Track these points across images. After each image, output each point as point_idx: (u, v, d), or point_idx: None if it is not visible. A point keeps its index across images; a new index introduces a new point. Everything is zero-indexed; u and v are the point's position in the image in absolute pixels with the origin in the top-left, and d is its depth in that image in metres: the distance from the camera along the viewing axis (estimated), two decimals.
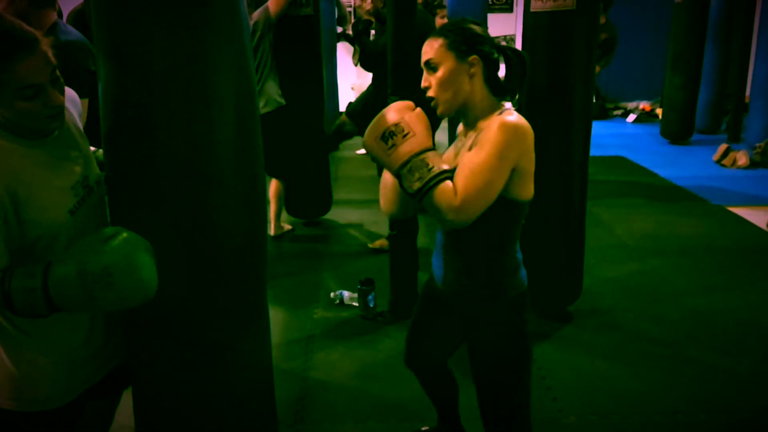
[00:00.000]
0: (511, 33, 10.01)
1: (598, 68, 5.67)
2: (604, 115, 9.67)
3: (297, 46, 4.25)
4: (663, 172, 6.36)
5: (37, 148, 1.29)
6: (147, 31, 1.27)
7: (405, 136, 1.46)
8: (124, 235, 1.20)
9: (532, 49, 2.97)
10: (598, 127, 8.33)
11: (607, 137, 8.11)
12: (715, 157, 6.78)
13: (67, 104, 1.42)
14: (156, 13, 1.26)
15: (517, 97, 1.70)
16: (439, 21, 5.18)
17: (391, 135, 1.46)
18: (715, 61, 7.94)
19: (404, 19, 2.94)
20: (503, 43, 1.73)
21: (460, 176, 1.46)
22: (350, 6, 9.82)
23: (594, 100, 8.80)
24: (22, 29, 1.21)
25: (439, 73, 1.59)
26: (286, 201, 4.60)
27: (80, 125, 1.49)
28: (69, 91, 1.47)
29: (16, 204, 1.23)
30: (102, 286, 1.15)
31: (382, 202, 1.77)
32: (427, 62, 1.61)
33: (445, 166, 1.46)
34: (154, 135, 1.31)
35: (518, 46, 9.72)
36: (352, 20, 9.80)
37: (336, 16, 7.34)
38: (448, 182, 1.45)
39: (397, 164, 1.46)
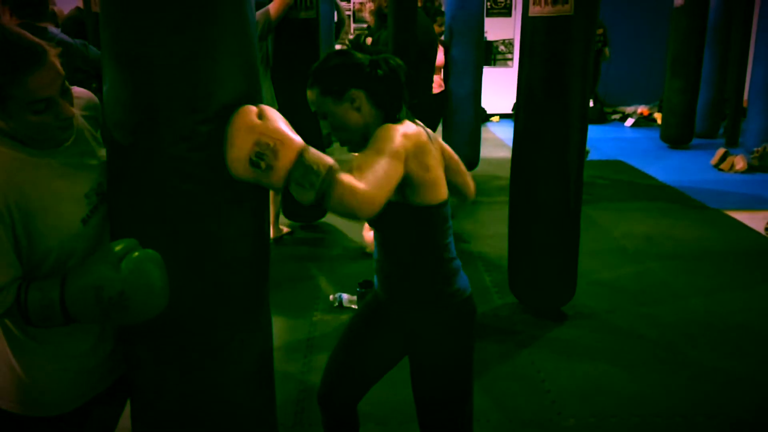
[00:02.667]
0: (510, 37, 10.05)
1: None
2: (603, 119, 9.70)
3: (297, 49, 4.25)
4: (661, 175, 6.38)
5: (49, 158, 1.27)
6: (152, 31, 1.26)
7: (274, 149, 1.21)
8: (137, 253, 1.20)
9: (531, 54, 2.99)
10: (596, 132, 8.38)
11: (606, 141, 8.13)
12: (713, 161, 6.80)
13: (83, 108, 1.40)
14: (161, 13, 1.25)
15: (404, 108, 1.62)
16: (437, 29, 5.14)
17: (259, 157, 1.21)
18: (713, 65, 7.98)
19: (405, 18, 2.95)
20: (501, 48, 1.71)
21: (359, 163, 1.42)
22: (349, 10, 9.85)
23: (592, 105, 8.85)
24: (29, 41, 1.19)
25: (329, 119, 1.60)
26: (283, 204, 4.60)
27: (95, 129, 1.45)
28: (87, 93, 1.43)
29: (27, 217, 1.22)
30: (118, 308, 1.18)
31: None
32: (315, 112, 1.62)
33: (330, 160, 1.29)
34: (157, 136, 1.31)
35: (516, 50, 9.77)
36: (352, 24, 9.83)
37: (335, 20, 7.35)
38: (343, 175, 1.31)
39: (281, 183, 1.23)
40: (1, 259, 1.20)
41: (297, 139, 1.25)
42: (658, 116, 9.25)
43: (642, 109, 10.00)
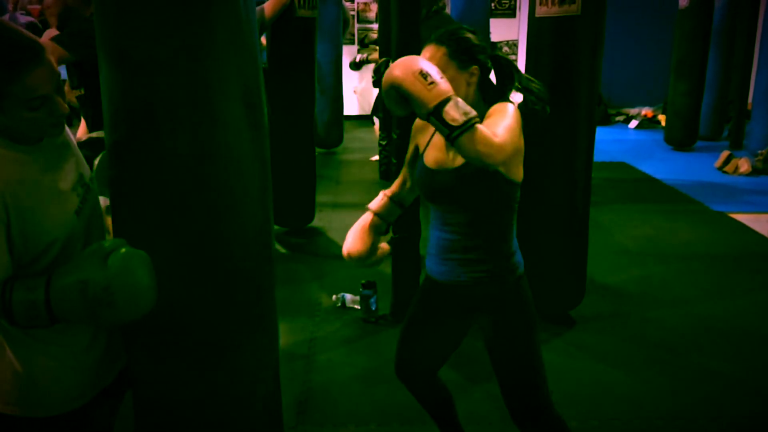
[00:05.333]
0: (514, 38, 10.02)
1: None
2: (606, 121, 9.68)
3: (294, 49, 4.22)
4: (664, 177, 6.36)
5: (36, 153, 1.28)
6: (150, 30, 1.25)
7: (442, 78, 1.47)
8: (123, 250, 1.20)
9: (537, 55, 2.98)
10: (600, 133, 8.32)
11: (610, 143, 8.11)
12: (717, 163, 6.78)
13: None
14: (159, 13, 1.24)
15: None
16: None
17: (427, 75, 1.46)
18: (717, 67, 7.95)
19: (408, 22, 2.94)
20: (505, 49, 1.81)
21: (493, 126, 1.55)
22: (353, 11, 9.84)
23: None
24: (29, 39, 1.19)
25: None
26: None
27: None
28: None
29: (23, 215, 1.22)
30: (104, 305, 1.17)
31: (352, 245, 1.83)
32: None
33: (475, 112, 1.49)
34: (158, 138, 1.30)
35: (521, 51, 9.75)
36: (356, 24, 9.83)
37: (341, 20, 7.35)
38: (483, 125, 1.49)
39: (440, 98, 1.44)
40: None
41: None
42: (662, 118, 9.23)
43: (646, 111, 9.98)
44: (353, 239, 1.84)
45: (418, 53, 1.71)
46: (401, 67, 1.48)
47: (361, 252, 1.82)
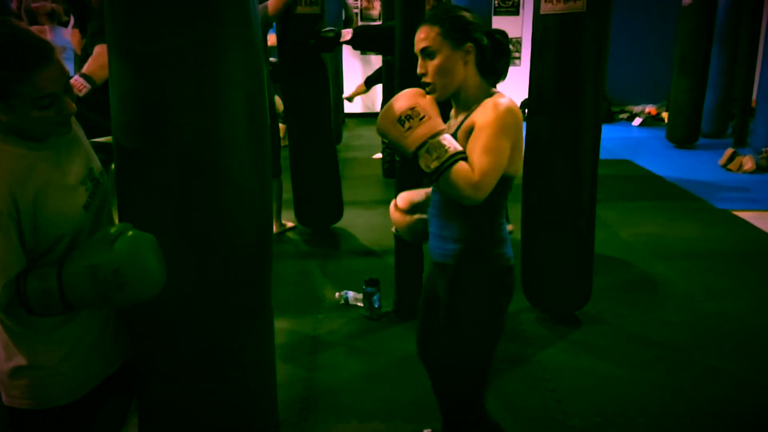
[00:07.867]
0: (517, 36, 10.01)
1: None
2: (610, 118, 9.67)
3: (300, 46, 4.20)
4: (668, 175, 6.35)
5: (46, 149, 1.30)
6: (158, 28, 1.27)
7: (421, 119, 1.55)
8: (130, 233, 1.23)
9: (542, 52, 2.97)
10: (603, 131, 8.30)
11: (613, 141, 8.10)
12: (721, 161, 6.77)
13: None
14: (166, 10, 1.26)
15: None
16: None
17: (407, 118, 1.56)
18: (721, 64, 7.93)
19: (412, 19, 2.94)
20: (510, 47, 1.78)
21: (473, 156, 1.54)
22: (357, 8, 9.83)
23: None
24: (39, 39, 1.22)
25: (436, 60, 1.65)
26: (296, 210, 4.50)
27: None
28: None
29: (34, 209, 1.24)
30: (114, 287, 1.20)
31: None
32: (423, 50, 1.67)
33: (460, 147, 1.54)
34: (163, 132, 1.32)
35: (525, 48, 9.73)
36: (359, 22, 9.82)
37: (343, 18, 7.35)
38: (464, 162, 1.53)
39: (415, 145, 1.55)
40: (9, 255, 1.22)
41: (442, 124, 1.57)
42: (665, 116, 9.21)
43: (650, 109, 9.96)
44: None
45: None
46: (382, 115, 1.60)
47: None
